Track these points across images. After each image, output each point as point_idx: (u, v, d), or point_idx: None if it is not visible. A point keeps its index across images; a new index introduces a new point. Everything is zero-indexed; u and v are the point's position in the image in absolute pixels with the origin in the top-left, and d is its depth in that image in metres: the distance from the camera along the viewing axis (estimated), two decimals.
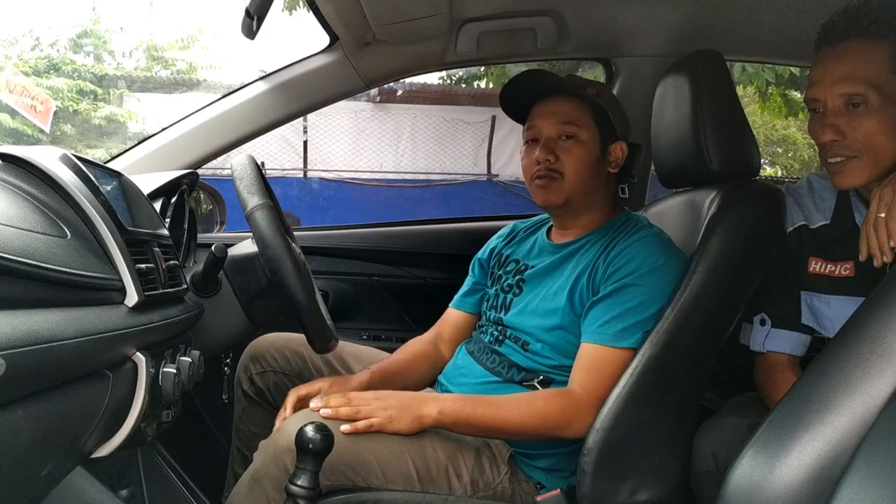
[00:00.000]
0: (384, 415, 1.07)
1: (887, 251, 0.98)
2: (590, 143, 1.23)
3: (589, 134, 1.23)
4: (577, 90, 1.24)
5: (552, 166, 1.22)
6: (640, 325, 1.10)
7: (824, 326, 1.14)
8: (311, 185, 7.60)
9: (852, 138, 1.03)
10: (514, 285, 1.30)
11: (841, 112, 1.04)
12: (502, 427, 1.10)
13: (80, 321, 0.75)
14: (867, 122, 1.01)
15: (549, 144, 1.23)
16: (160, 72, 9.83)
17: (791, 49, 1.71)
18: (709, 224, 1.11)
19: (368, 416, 1.06)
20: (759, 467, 0.67)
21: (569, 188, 1.23)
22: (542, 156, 1.22)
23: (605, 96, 1.27)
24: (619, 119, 1.28)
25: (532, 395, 1.14)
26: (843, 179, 1.06)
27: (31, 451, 0.72)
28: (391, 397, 1.10)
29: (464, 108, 8.05)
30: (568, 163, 1.22)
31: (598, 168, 1.24)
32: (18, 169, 0.89)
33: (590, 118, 1.23)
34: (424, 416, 1.08)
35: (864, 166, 1.04)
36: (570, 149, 1.22)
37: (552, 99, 1.26)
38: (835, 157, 1.06)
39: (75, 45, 9.44)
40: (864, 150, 1.03)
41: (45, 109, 4.44)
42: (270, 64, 6.74)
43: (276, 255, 1.08)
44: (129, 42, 11.74)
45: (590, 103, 1.24)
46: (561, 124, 1.23)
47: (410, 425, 1.08)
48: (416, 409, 1.08)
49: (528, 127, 1.28)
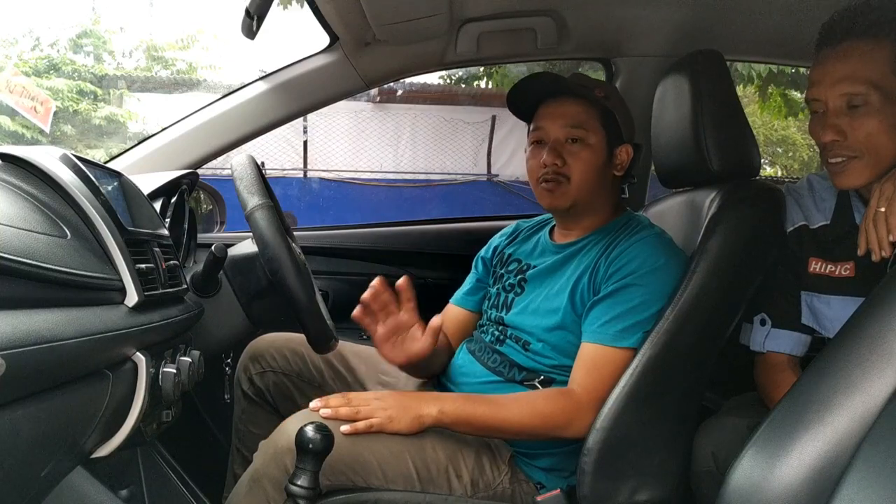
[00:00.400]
0: (384, 415, 1.06)
1: (886, 246, 0.97)
2: (597, 147, 1.22)
3: (596, 137, 1.22)
4: (584, 91, 1.22)
5: (559, 170, 1.21)
6: (641, 325, 1.10)
7: (824, 326, 1.14)
8: (311, 185, 7.60)
9: (853, 138, 1.03)
10: (515, 285, 1.30)
11: (842, 112, 1.04)
12: (503, 426, 1.10)
13: (80, 321, 0.75)
14: (868, 122, 1.01)
15: (557, 147, 1.21)
16: (160, 72, 9.82)
17: (791, 49, 1.71)
18: (709, 224, 1.11)
19: (368, 416, 1.06)
20: (759, 467, 0.67)
21: (575, 192, 1.22)
22: (550, 159, 1.21)
23: (613, 98, 1.26)
24: (626, 121, 1.26)
25: (533, 395, 1.14)
26: (845, 179, 1.06)
27: (31, 451, 0.72)
28: (390, 397, 1.10)
29: (464, 108, 8.05)
30: (575, 167, 1.21)
31: (604, 171, 1.24)
32: (18, 169, 0.89)
33: (597, 121, 1.22)
34: (424, 416, 1.08)
35: (865, 166, 1.04)
36: (578, 153, 1.21)
37: (559, 100, 1.24)
38: (836, 158, 1.06)
39: (75, 45, 9.43)
40: (865, 151, 1.03)
41: (45, 110, 4.44)
42: (270, 64, 6.73)
43: (276, 255, 1.08)
44: (129, 42, 11.74)
45: (597, 105, 1.22)
46: (569, 127, 1.21)
47: (410, 425, 1.07)
48: (415, 408, 1.08)
49: (534, 128, 1.26)
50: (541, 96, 1.26)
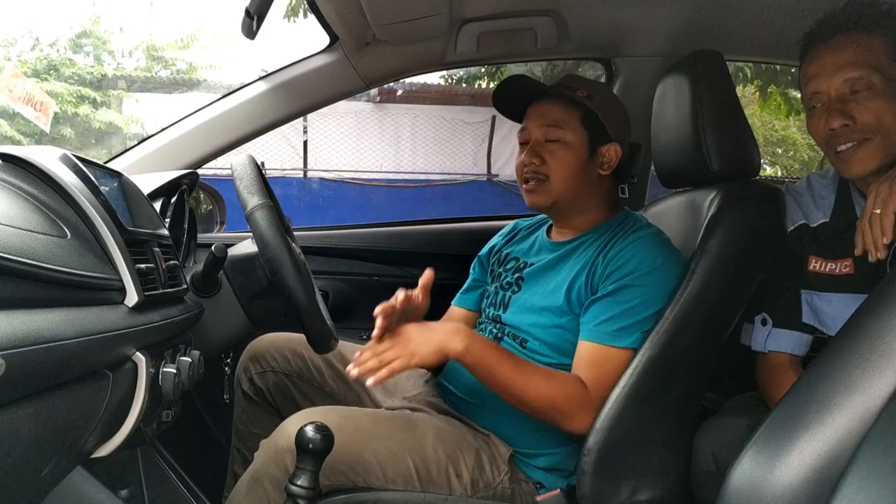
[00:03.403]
0: (405, 352, 1.04)
1: (881, 247, 0.98)
2: (576, 146, 1.22)
3: (576, 136, 1.22)
4: (564, 91, 1.23)
5: (537, 169, 1.23)
6: (639, 325, 1.10)
7: (825, 325, 1.14)
8: (311, 185, 7.60)
9: (862, 121, 1.03)
10: (513, 283, 1.30)
11: (846, 98, 1.04)
12: (516, 390, 1.08)
13: (80, 321, 0.75)
14: (874, 103, 1.02)
15: (536, 147, 1.24)
16: (160, 72, 9.82)
17: (791, 49, 1.70)
18: (709, 224, 1.11)
19: (390, 360, 1.03)
20: (759, 467, 0.67)
21: (555, 191, 1.23)
22: (528, 159, 1.24)
23: (598, 97, 1.25)
24: (615, 120, 1.26)
25: (556, 373, 1.12)
26: (856, 165, 1.06)
27: (31, 451, 0.72)
28: (416, 331, 1.07)
29: (464, 108, 8.05)
30: (554, 166, 1.22)
31: (586, 170, 1.24)
32: (18, 169, 0.89)
33: (577, 120, 1.23)
34: (449, 349, 1.05)
35: (876, 148, 1.03)
36: (556, 151, 1.22)
37: (541, 101, 1.26)
38: (845, 143, 1.05)
39: (75, 45, 9.43)
40: (875, 132, 1.03)
41: (45, 111, 4.43)
42: (270, 64, 6.73)
43: (276, 255, 1.08)
44: (129, 42, 11.72)
45: (578, 105, 1.23)
46: (546, 127, 1.23)
47: (433, 356, 1.05)
48: (440, 340, 1.05)
49: (521, 129, 1.29)
50: (529, 97, 1.28)
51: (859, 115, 1.03)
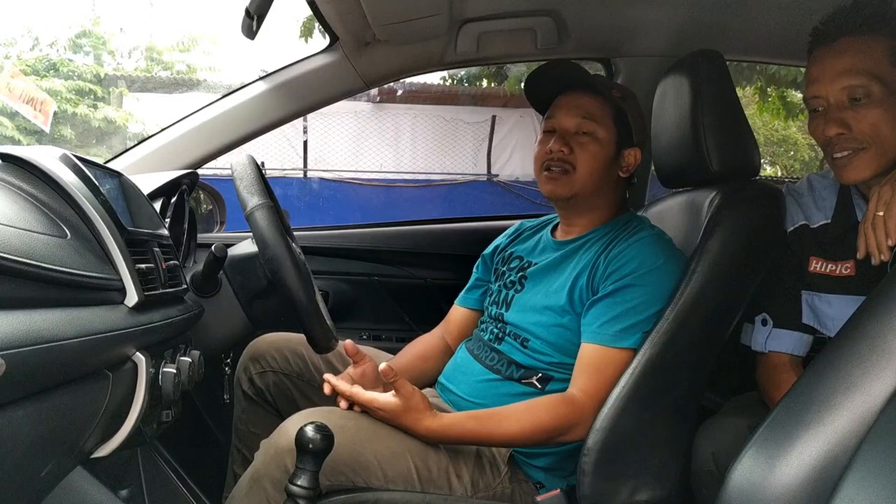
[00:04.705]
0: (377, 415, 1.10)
1: (885, 250, 0.98)
2: (606, 143, 1.23)
3: (607, 133, 1.23)
4: (601, 88, 1.24)
5: (566, 157, 1.22)
6: (640, 325, 1.10)
7: (825, 326, 1.14)
8: (311, 185, 7.60)
9: (858, 130, 1.03)
10: (516, 282, 1.30)
11: (844, 106, 1.04)
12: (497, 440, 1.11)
13: (80, 321, 0.75)
14: (872, 112, 1.02)
15: (566, 137, 1.23)
16: (160, 72, 9.82)
17: (791, 49, 1.71)
18: (709, 224, 1.11)
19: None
20: (759, 467, 0.67)
21: (578, 183, 1.22)
22: (557, 146, 1.22)
23: (630, 101, 1.27)
24: (639, 126, 1.27)
25: (535, 405, 1.12)
26: (851, 173, 1.06)
27: (31, 451, 0.72)
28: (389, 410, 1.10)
29: (464, 108, 8.06)
30: (582, 157, 1.22)
31: (610, 169, 1.24)
32: (18, 169, 0.89)
33: (610, 118, 1.23)
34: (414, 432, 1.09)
35: (872, 157, 1.03)
36: (587, 144, 1.22)
37: (576, 92, 1.26)
38: (841, 152, 1.06)
39: (74, 45, 9.42)
40: (871, 141, 1.03)
41: (44, 111, 4.44)
42: (270, 64, 6.73)
43: (276, 255, 1.08)
44: (129, 43, 11.72)
45: (612, 103, 1.24)
46: (581, 118, 1.23)
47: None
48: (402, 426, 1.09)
49: (547, 116, 1.28)
50: (559, 88, 1.28)
51: (856, 124, 1.03)
